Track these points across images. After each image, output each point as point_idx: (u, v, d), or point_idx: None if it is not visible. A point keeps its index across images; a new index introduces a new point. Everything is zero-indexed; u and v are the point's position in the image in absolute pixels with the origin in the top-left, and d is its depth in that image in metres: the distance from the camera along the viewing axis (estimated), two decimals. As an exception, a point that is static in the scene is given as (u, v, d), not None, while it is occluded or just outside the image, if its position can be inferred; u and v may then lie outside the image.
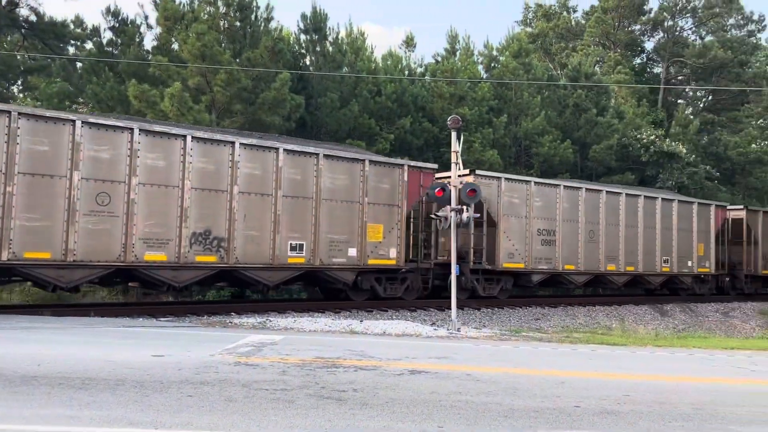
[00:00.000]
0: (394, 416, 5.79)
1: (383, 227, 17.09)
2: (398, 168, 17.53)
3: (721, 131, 43.22)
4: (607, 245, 21.84)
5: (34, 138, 12.59)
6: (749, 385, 8.55)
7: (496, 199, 19.33)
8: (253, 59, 22.37)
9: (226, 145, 14.78)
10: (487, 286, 19.48)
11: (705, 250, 25.08)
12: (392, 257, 17.24)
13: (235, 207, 14.75)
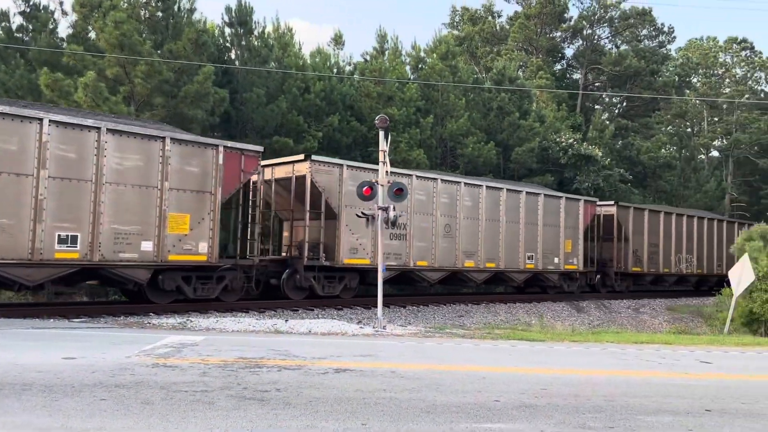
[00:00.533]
0: (317, 415, 5.75)
1: (190, 217, 14.74)
2: (211, 149, 15.17)
3: (634, 136, 45.48)
4: (465, 240, 20.57)
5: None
6: (657, 377, 9.03)
7: (338, 188, 17.59)
8: (175, 51, 21.68)
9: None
10: (327, 284, 17.83)
11: (573, 247, 24.30)
12: (202, 252, 14.94)
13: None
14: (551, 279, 23.76)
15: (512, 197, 22.18)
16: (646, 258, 27.61)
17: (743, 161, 54.00)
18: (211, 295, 15.64)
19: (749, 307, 17.80)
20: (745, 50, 56.50)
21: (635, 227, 27.32)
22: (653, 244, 28.06)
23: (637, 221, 27.44)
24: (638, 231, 27.45)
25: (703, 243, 31.03)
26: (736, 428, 6.04)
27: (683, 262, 29.85)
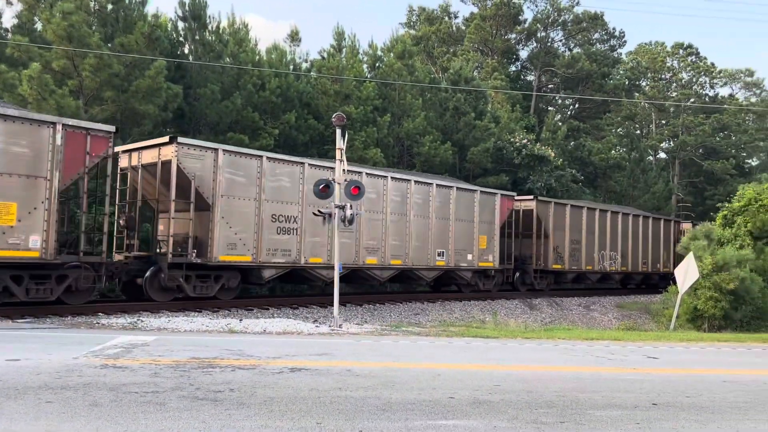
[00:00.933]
0: (272, 415, 5.69)
1: (17, 206, 12.72)
2: (47, 127, 13.10)
3: (585, 137, 46.55)
4: (367, 236, 18.99)
5: None
6: (606, 372, 9.26)
7: (211, 176, 15.62)
8: (126, 45, 21.13)
9: None
10: (200, 284, 15.88)
11: (488, 243, 22.88)
12: (33, 248, 12.93)
13: None
14: (464, 277, 22.28)
15: (421, 189, 20.55)
16: (567, 255, 26.46)
17: (689, 163, 55.91)
18: (49, 297, 13.65)
19: (694, 304, 18.44)
20: (691, 56, 58.48)
21: (556, 223, 26.07)
22: (575, 241, 26.98)
23: (558, 217, 26.20)
24: (559, 227, 26.22)
25: (628, 240, 30.06)
26: (680, 421, 6.24)
27: (607, 260, 28.89)
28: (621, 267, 29.58)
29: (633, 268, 30.40)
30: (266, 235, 16.52)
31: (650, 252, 31.84)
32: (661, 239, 32.74)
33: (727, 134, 57.04)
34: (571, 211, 26.81)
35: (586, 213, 27.58)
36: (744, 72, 60.20)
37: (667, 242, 32.89)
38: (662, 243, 32.70)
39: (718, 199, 38.11)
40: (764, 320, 18.96)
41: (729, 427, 6.08)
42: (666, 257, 32.61)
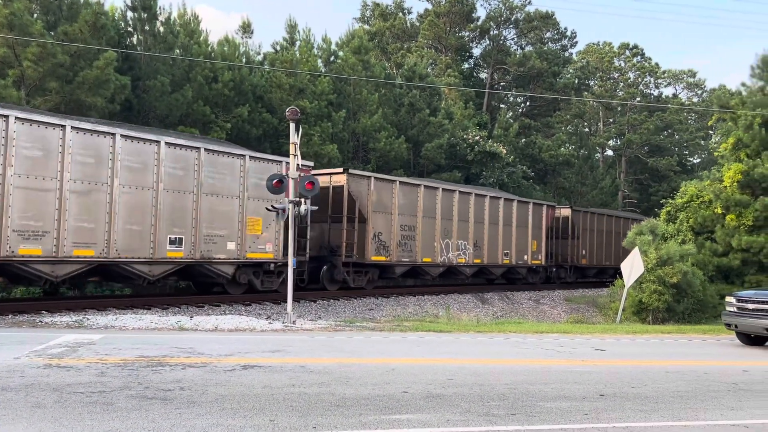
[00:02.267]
0: (224, 413, 5.61)
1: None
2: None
3: (536, 135, 47.41)
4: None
5: None
6: (555, 365, 9.48)
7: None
8: (70, 33, 20.40)
9: None
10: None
11: (266, 230, 17.51)
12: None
13: None
14: (221, 271, 16.55)
15: (222, 162, 16.26)
16: (394, 244, 20.99)
17: (635, 160, 57.65)
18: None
19: (639, 298, 19.03)
20: (637, 56, 60.23)
21: (379, 204, 20.50)
22: (407, 227, 21.56)
23: (383, 195, 20.60)
24: (383, 209, 20.57)
25: (483, 227, 24.47)
26: (627, 411, 6.44)
27: (453, 250, 23.41)
28: (474, 259, 24.22)
29: (491, 259, 25.02)
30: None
31: (513, 240, 26.28)
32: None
33: (670, 133, 59.06)
34: (401, 188, 21.39)
35: (423, 192, 22.12)
36: (686, 73, 62.42)
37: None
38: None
39: (662, 195, 39.44)
40: (704, 312, 19.71)
41: (671, 416, 6.31)
42: None
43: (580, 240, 30.49)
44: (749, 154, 22.36)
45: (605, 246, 32.33)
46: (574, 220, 30.46)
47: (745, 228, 21.19)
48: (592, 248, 31.47)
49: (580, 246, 30.56)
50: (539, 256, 27.57)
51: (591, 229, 31.47)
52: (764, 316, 12.21)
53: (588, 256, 31.22)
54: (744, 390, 7.86)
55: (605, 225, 32.63)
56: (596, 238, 31.83)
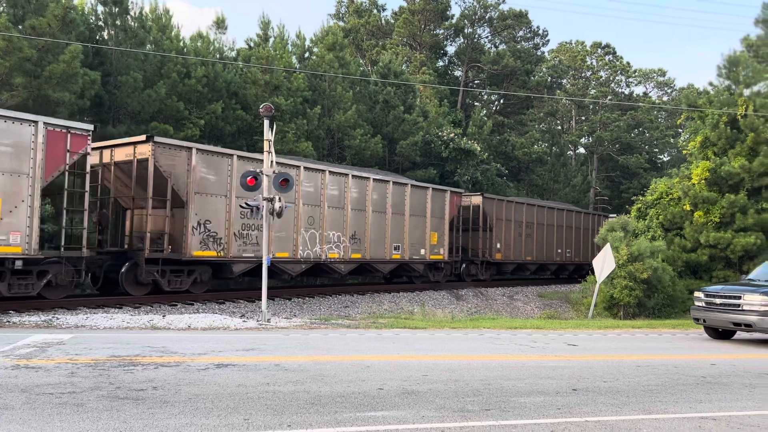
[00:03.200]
0: (197, 412, 5.56)
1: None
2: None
3: (509, 132, 47.80)
4: None
5: None
6: (529, 360, 9.57)
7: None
8: (38, 27, 19.96)
9: None
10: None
11: None
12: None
13: None
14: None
15: None
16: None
17: (606, 158, 58.46)
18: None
19: (610, 293, 19.32)
20: (609, 55, 61.04)
21: (206, 184, 16.19)
22: (208, 216, 16.28)
23: (211, 171, 16.34)
24: (203, 191, 16.12)
25: (365, 217, 20.57)
26: (599, 405, 6.53)
27: (318, 243, 18.96)
28: (352, 254, 20.32)
29: (375, 254, 21.14)
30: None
31: (400, 230, 22.86)
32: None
33: (641, 131, 60.01)
34: (217, 161, 16.59)
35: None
36: (657, 72, 63.43)
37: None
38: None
39: (632, 193, 40.08)
40: (674, 307, 20.10)
41: (642, 409, 6.42)
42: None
43: (494, 232, 26.86)
44: (716, 152, 22.83)
45: (525, 239, 28.84)
46: (486, 209, 26.65)
47: (713, 224, 21.64)
48: (508, 241, 27.81)
49: (494, 239, 26.92)
50: (440, 250, 23.87)
51: (508, 220, 27.83)
52: (731, 310, 12.49)
53: (503, 250, 27.57)
54: (712, 383, 8.04)
55: (525, 215, 28.98)
56: (514, 229, 28.18)
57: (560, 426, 5.64)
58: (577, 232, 32.93)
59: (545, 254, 30.42)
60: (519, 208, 28.92)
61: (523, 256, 28.84)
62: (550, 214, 31.05)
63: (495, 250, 27.08)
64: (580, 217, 33.74)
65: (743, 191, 21.59)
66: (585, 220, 34.06)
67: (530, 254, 29.33)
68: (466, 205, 26.41)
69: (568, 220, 32.39)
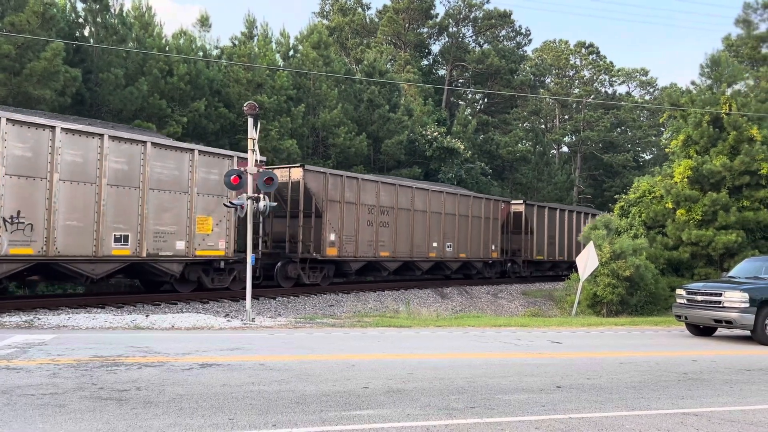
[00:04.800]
0: (182, 413, 5.52)
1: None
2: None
3: (493, 131, 48.00)
4: None
5: None
6: (513, 358, 9.62)
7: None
8: (17, 24, 19.70)
9: None
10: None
11: None
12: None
13: None
14: None
15: None
16: None
17: (589, 156, 58.93)
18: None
19: (594, 291, 19.46)
20: (592, 54, 61.51)
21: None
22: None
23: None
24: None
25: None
26: (582, 402, 6.58)
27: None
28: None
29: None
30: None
31: None
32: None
33: (624, 129, 60.54)
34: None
35: None
36: (639, 71, 64.03)
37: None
38: None
39: (615, 191, 40.36)
40: (656, 305, 20.28)
41: (625, 406, 6.48)
42: None
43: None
44: (698, 151, 23.07)
45: (451, 230, 25.68)
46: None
47: (695, 222, 21.87)
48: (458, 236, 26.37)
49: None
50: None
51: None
52: (712, 307, 12.64)
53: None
54: (693, 379, 8.13)
55: (459, 208, 25.90)
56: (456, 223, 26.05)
57: (544, 423, 5.68)
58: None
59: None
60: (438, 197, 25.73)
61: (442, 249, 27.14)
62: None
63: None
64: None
65: (725, 189, 21.84)
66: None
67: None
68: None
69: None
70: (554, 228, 30.85)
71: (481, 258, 27.21)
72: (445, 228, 24.93)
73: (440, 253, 24.96)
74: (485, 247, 27.24)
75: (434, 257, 24.64)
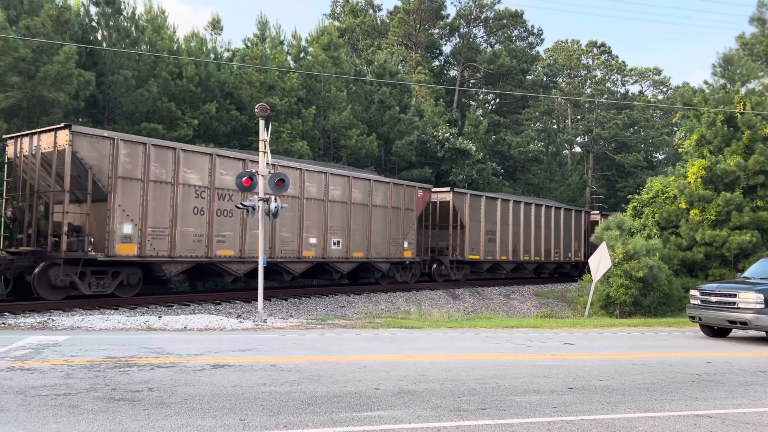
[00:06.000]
0: (193, 413, 5.55)
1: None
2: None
3: (505, 132, 47.84)
4: None
5: None
6: (525, 359, 9.58)
7: None
8: (32, 28, 19.91)
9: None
10: None
11: None
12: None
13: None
14: None
15: None
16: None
17: (602, 156, 58.55)
18: None
19: (606, 292, 19.35)
20: (604, 54, 61.13)
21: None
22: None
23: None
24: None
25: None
26: (594, 404, 6.54)
27: None
28: None
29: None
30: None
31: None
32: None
33: (636, 129, 60.10)
34: None
35: None
36: (652, 71, 63.54)
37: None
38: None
39: (628, 191, 40.09)
40: (670, 306, 20.14)
41: (637, 408, 6.43)
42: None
43: None
44: (712, 151, 22.88)
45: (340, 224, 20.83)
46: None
47: (709, 222, 21.69)
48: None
49: None
50: None
51: None
52: (726, 308, 12.52)
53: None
54: (707, 381, 8.06)
55: (353, 194, 21.11)
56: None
57: (556, 425, 5.65)
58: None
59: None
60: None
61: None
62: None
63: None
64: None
65: (739, 189, 21.64)
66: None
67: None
68: None
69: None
70: (494, 222, 26.48)
71: (388, 258, 21.95)
72: (331, 220, 19.77)
73: (321, 251, 19.44)
74: (394, 245, 22.11)
75: (312, 257, 19.20)
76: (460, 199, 25.12)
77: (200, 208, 16.37)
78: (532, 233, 28.93)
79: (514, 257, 27.69)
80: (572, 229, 32.39)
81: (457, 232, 24.97)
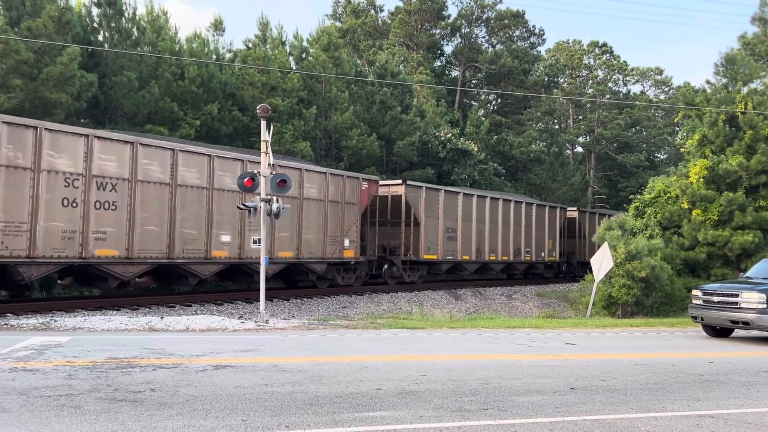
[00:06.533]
0: (195, 414, 5.55)
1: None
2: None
3: (507, 132, 47.81)
4: None
5: None
6: (527, 359, 9.58)
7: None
8: (34, 29, 19.95)
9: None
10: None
11: None
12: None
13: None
14: None
15: None
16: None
17: (604, 156, 58.49)
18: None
19: (608, 292, 19.32)
20: (606, 54, 61.08)
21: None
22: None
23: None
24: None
25: None
26: (596, 404, 6.53)
27: None
28: None
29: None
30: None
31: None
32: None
33: (638, 129, 60.05)
34: None
35: None
36: (654, 70, 63.47)
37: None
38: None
39: (630, 191, 40.01)
40: (672, 306, 20.09)
41: (640, 408, 6.42)
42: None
43: None
44: (714, 150, 22.83)
45: None
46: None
47: (711, 222, 21.64)
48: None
49: None
50: None
51: None
52: (729, 308, 12.50)
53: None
54: (710, 381, 8.04)
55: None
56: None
57: (558, 425, 5.64)
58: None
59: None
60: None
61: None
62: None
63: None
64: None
65: (741, 189, 21.60)
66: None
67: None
68: None
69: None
70: (455, 218, 24.40)
71: (324, 258, 19.64)
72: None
73: (237, 250, 17.08)
74: (332, 243, 19.86)
75: (224, 257, 16.80)
76: (415, 193, 22.72)
77: (70, 200, 13.55)
78: (499, 231, 26.53)
79: (478, 257, 25.44)
80: (546, 226, 29.70)
81: (410, 229, 22.66)
